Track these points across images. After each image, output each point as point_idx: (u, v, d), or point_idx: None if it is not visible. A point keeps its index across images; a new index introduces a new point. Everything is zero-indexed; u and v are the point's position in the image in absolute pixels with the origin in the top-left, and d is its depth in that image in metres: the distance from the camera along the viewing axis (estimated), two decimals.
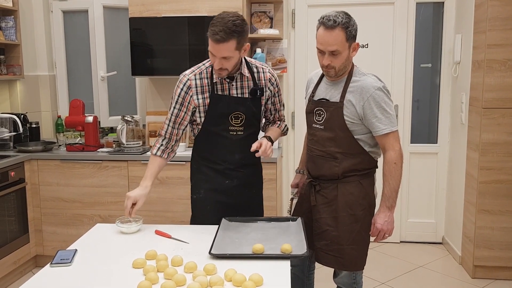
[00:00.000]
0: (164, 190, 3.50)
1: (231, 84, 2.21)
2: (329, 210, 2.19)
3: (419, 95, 4.15)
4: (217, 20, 2.02)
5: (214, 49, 2.03)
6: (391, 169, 2.10)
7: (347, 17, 2.03)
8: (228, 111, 2.21)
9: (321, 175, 2.22)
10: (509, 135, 3.31)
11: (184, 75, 2.22)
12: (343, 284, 2.32)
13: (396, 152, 2.09)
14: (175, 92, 2.22)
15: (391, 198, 2.11)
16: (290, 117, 4.18)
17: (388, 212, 2.13)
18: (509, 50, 3.23)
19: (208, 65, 2.22)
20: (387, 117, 2.07)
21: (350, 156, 2.15)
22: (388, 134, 2.08)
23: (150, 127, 3.92)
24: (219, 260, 1.76)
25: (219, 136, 2.24)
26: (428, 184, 4.15)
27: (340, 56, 2.04)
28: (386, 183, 2.12)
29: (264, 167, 3.28)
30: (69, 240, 3.53)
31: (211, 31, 2.00)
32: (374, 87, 2.07)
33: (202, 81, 2.19)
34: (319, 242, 2.23)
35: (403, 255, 3.93)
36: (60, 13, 4.18)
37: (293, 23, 4.06)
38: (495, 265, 3.43)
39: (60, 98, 4.29)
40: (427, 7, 4.07)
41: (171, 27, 3.52)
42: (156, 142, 2.28)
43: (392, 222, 2.15)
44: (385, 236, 2.16)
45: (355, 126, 2.11)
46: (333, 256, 2.20)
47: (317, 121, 2.21)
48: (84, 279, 1.64)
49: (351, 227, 2.17)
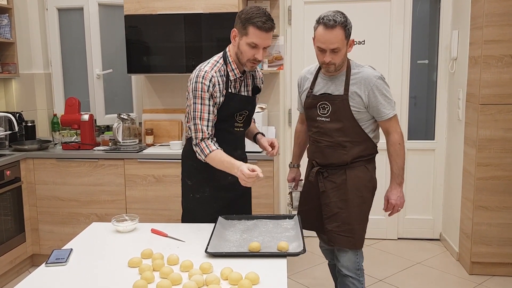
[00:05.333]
0: (160, 188, 3.49)
1: (242, 82, 2.24)
2: (339, 193, 2.36)
3: (416, 92, 4.15)
4: (254, 12, 2.06)
5: (262, 39, 2.07)
6: (397, 149, 2.33)
7: (344, 16, 2.19)
8: (237, 109, 2.24)
9: (330, 163, 2.38)
10: (506, 131, 3.31)
11: (206, 72, 2.12)
12: (347, 269, 2.37)
13: (398, 133, 2.33)
14: (201, 89, 2.11)
15: (400, 175, 2.36)
16: (286, 114, 4.18)
17: (399, 188, 2.37)
18: (506, 46, 3.23)
19: (222, 63, 2.18)
20: (388, 102, 2.28)
21: (357, 143, 2.33)
22: (391, 118, 2.30)
23: (146, 125, 3.90)
24: (215, 258, 1.75)
25: (226, 133, 2.26)
26: (425, 180, 4.15)
27: (340, 53, 2.20)
28: (393, 163, 2.36)
29: (261, 165, 3.29)
30: (66, 239, 3.52)
31: (260, 21, 2.03)
32: (376, 76, 2.26)
33: (222, 79, 2.17)
34: (330, 224, 2.37)
35: (401, 252, 3.93)
36: (55, 10, 4.16)
37: (290, 20, 4.05)
38: (492, 261, 3.44)
39: (55, 97, 4.27)
40: (424, 3, 4.06)
41: (167, 24, 3.50)
42: (209, 146, 2.13)
43: (403, 196, 2.40)
44: (399, 210, 2.42)
45: (361, 115, 2.29)
46: (345, 237, 2.34)
47: (322, 114, 2.34)
48: (79, 279, 1.63)
49: (360, 208, 2.36)
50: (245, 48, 2.09)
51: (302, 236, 1.89)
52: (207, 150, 2.13)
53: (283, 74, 4.09)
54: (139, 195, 3.51)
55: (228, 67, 2.17)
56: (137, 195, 3.51)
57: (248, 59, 2.12)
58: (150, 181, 3.49)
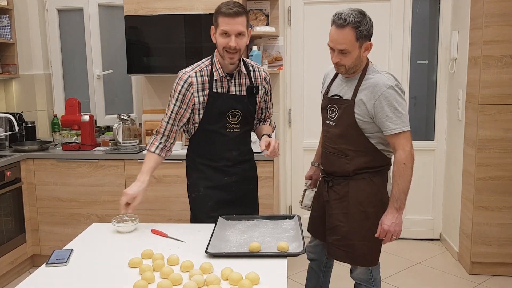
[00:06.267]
0: (160, 188, 3.49)
1: (230, 82, 2.23)
2: (341, 206, 2.20)
3: (416, 92, 4.15)
4: (223, 4, 2.10)
5: (230, 25, 2.06)
6: (400, 170, 2.07)
7: (360, 16, 1.99)
8: (226, 109, 2.22)
9: (333, 171, 2.24)
10: (505, 132, 3.31)
11: (184, 73, 2.21)
12: (360, 280, 2.32)
13: (406, 152, 2.06)
14: (175, 89, 2.21)
15: (400, 199, 2.08)
16: (286, 115, 4.18)
17: (396, 213, 2.09)
18: (506, 46, 3.23)
19: (207, 63, 2.24)
20: (398, 116, 2.04)
21: (362, 153, 2.14)
22: (398, 134, 2.05)
23: (147, 126, 3.90)
24: (216, 259, 1.75)
25: (217, 134, 2.25)
26: (425, 181, 4.15)
27: (349, 55, 2.03)
28: (395, 184, 2.09)
29: (261, 165, 3.29)
30: (66, 240, 3.52)
31: (225, 8, 2.06)
32: (386, 85, 2.04)
33: (203, 79, 2.20)
34: (330, 236, 2.25)
35: (401, 252, 3.93)
36: (55, 11, 4.16)
37: (289, 20, 4.05)
38: (492, 261, 3.44)
39: (56, 97, 4.27)
40: (424, 4, 4.06)
41: (167, 25, 3.50)
42: (155, 140, 2.27)
43: (400, 224, 2.11)
44: (393, 238, 2.13)
45: (366, 125, 2.10)
46: (344, 251, 2.20)
47: (330, 117, 2.21)
48: (80, 279, 1.63)
49: (362, 223, 2.16)
50: (219, 39, 2.11)
51: (302, 236, 1.89)
52: (152, 147, 2.25)
53: (283, 75, 4.09)
54: None
55: (213, 67, 2.20)
56: None
57: (223, 48, 2.11)
58: (151, 181, 3.44)
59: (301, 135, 4.19)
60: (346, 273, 2.44)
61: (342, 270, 2.90)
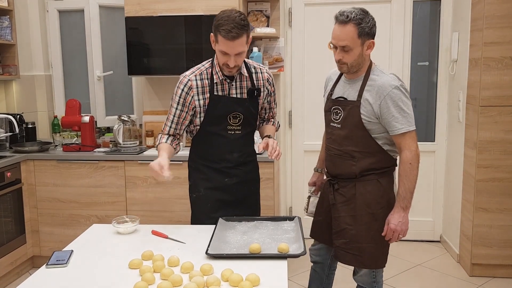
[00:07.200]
0: (161, 189, 3.49)
1: (231, 84, 2.23)
2: (348, 208, 2.19)
3: (416, 93, 4.15)
4: (223, 19, 2.03)
5: (229, 47, 2.04)
6: (406, 170, 2.09)
7: (363, 14, 2.03)
8: (226, 112, 2.22)
9: (339, 174, 2.22)
10: (506, 133, 3.31)
11: (185, 76, 2.22)
12: (363, 282, 2.31)
13: (412, 152, 2.08)
14: (176, 93, 2.22)
15: (406, 199, 2.11)
16: (287, 116, 4.18)
17: (402, 212, 2.11)
18: (506, 48, 3.23)
19: (208, 66, 2.24)
20: (404, 116, 2.06)
21: (368, 155, 2.14)
22: (404, 134, 2.07)
23: (147, 127, 3.90)
24: (216, 260, 1.75)
25: (218, 136, 2.26)
26: (425, 182, 4.15)
27: (351, 52, 2.05)
28: (401, 184, 2.11)
29: (262, 166, 3.27)
30: (66, 241, 3.51)
31: (224, 30, 2.00)
32: (392, 85, 2.06)
33: (203, 82, 2.20)
34: (338, 240, 2.23)
35: (401, 253, 3.92)
36: (55, 12, 4.16)
37: (290, 21, 4.06)
38: (492, 263, 3.44)
39: (56, 98, 4.27)
40: (424, 5, 4.06)
41: (168, 26, 3.50)
42: (162, 138, 2.28)
43: (407, 223, 2.13)
44: (399, 237, 2.14)
45: (372, 125, 2.10)
46: (352, 255, 2.19)
47: (334, 119, 2.20)
48: (80, 280, 1.63)
49: (370, 225, 2.16)
50: (219, 54, 2.12)
51: (302, 238, 1.89)
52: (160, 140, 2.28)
53: (284, 76, 4.09)
54: (139, 197, 3.51)
55: (213, 70, 2.20)
56: (138, 197, 3.51)
57: (223, 63, 2.13)
58: (151, 182, 3.49)
59: (302, 136, 4.19)
60: (348, 275, 2.44)
61: (344, 272, 2.90)
